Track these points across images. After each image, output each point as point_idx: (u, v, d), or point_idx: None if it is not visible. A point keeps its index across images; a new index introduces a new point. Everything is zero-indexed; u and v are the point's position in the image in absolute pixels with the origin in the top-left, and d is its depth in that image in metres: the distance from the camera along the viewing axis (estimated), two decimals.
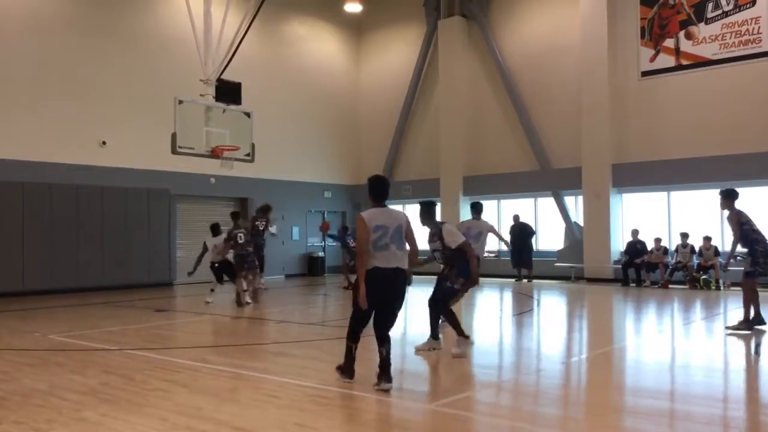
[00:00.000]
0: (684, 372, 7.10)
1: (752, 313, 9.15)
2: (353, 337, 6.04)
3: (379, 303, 5.86)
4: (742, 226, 9.05)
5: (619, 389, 6.30)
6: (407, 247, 6.09)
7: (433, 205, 8.17)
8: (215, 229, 13.62)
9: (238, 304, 12.83)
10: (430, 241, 7.80)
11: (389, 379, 5.79)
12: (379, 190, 6.04)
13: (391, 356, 5.94)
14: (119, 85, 17.27)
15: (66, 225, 16.01)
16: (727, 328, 9.29)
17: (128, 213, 17.22)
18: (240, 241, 12.76)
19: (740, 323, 9.13)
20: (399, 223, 5.91)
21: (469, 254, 7.48)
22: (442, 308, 7.68)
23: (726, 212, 9.31)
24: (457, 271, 7.59)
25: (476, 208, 9.96)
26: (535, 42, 19.92)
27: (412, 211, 24.38)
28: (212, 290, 13.26)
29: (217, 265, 13.30)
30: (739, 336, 8.84)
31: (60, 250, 15.82)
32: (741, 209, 9.16)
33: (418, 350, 7.81)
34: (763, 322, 9.09)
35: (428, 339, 7.92)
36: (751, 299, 9.12)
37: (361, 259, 5.82)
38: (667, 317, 11.56)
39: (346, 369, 6.09)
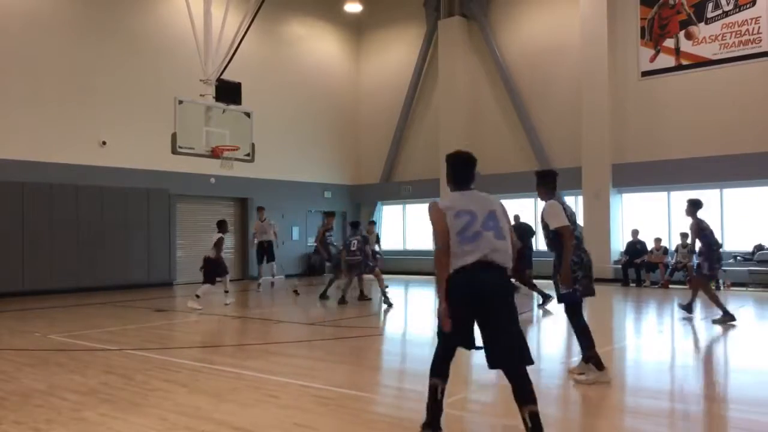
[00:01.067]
0: (684, 372, 7.10)
1: (692, 303, 10.73)
2: (436, 370, 4.35)
3: (474, 319, 4.15)
4: (704, 232, 10.24)
5: (619, 389, 6.29)
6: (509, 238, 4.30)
7: (553, 174, 6.37)
8: (222, 225, 13.44)
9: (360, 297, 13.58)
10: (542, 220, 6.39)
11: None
12: (460, 171, 4.46)
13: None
14: (119, 85, 17.27)
15: (66, 225, 16.01)
16: (713, 321, 10.10)
17: (128, 213, 17.22)
18: (352, 248, 13.09)
19: (723, 317, 9.92)
20: (492, 208, 4.30)
21: (566, 245, 6.00)
22: (574, 324, 6.36)
23: (690, 219, 10.46)
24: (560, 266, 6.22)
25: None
26: (535, 42, 19.93)
27: (412, 210, 24.33)
28: (226, 291, 13.38)
29: (206, 260, 13.17)
30: (726, 327, 9.65)
31: (60, 250, 15.82)
32: (701, 218, 10.34)
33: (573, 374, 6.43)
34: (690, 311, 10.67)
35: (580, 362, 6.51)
36: (696, 293, 10.69)
37: (440, 262, 4.15)
38: (667, 317, 11.56)
39: (429, 420, 4.40)
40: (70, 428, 4.84)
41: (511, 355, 4.05)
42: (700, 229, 10.25)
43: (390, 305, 12.48)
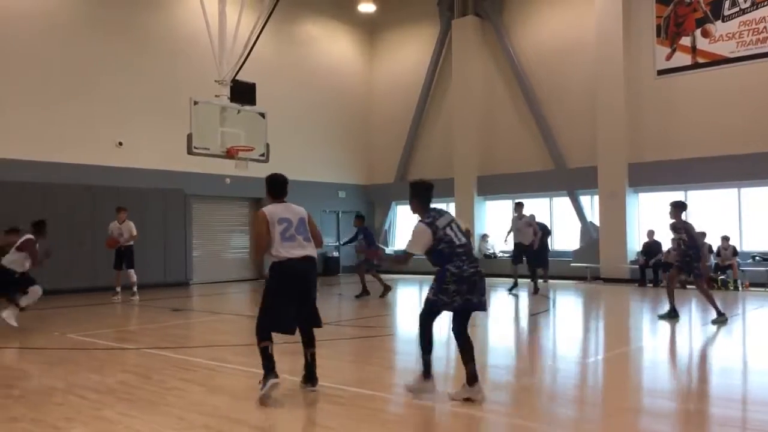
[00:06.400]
0: (701, 373, 7.04)
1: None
2: (264, 334, 5.68)
3: (294, 296, 5.70)
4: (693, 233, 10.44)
5: (635, 390, 6.26)
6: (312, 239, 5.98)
7: None
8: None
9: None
10: None
11: (315, 382, 5.83)
12: (277, 186, 6.09)
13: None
14: (135, 86, 17.40)
15: (83, 225, 16.14)
16: (659, 316, 10.53)
17: (144, 213, 17.31)
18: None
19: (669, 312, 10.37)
20: (301, 216, 5.92)
21: None
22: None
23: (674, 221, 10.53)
24: None
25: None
26: (550, 41, 19.83)
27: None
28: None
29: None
30: (671, 323, 10.04)
31: (77, 250, 15.94)
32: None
33: None
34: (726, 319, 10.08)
35: None
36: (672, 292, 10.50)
37: (258, 253, 5.85)
38: (684, 318, 11.45)
39: (269, 372, 5.52)
40: (89, 426, 4.88)
41: (312, 321, 5.93)
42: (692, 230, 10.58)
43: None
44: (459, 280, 5.49)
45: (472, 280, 5.52)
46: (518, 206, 15.71)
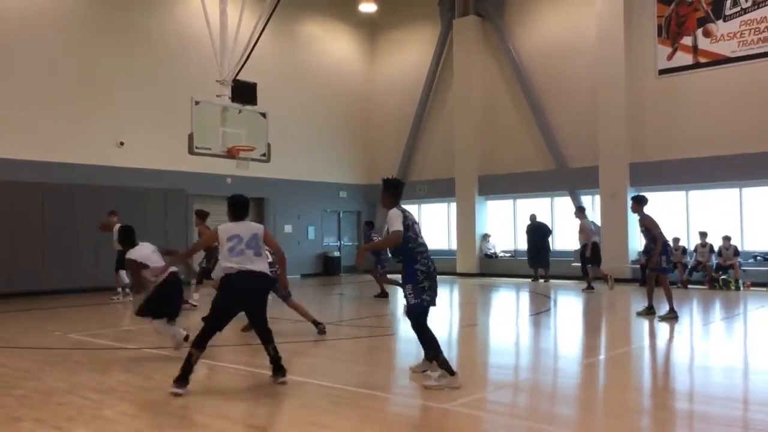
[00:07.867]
0: (703, 373, 7.03)
1: (650, 303, 10.75)
2: (201, 340, 5.93)
3: (240, 306, 6.12)
4: (657, 228, 10.37)
5: (637, 390, 6.25)
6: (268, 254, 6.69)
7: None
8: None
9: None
10: None
11: (284, 373, 6.08)
12: (236, 209, 6.37)
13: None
14: (137, 86, 17.42)
15: (85, 225, 16.14)
16: (659, 317, 10.35)
17: (146, 213, 17.32)
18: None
19: (668, 313, 10.27)
20: (255, 232, 6.21)
21: None
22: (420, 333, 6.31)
23: (638, 216, 10.63)
24: None
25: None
26: (551, 40, 19.82)
27: (427, 210, 24.16)
28: None
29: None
30: (670, 324, 9.94)
31: (79, 249, 15.95)
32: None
33: None
34: (654, 312, 10.56)
35: None
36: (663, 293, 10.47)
37: (188, 257, 6.76)
38: (686, 318, 11.45)
39: (182, 378, 5.72)
40: (90, 426, 4.89)
41: (265, 322, 6.20)
42: (656, 225, 10.46)
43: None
44: (428, 276, 6.14)
45: (434, 275, 6.23)
46: (579, 211, 16.44)
